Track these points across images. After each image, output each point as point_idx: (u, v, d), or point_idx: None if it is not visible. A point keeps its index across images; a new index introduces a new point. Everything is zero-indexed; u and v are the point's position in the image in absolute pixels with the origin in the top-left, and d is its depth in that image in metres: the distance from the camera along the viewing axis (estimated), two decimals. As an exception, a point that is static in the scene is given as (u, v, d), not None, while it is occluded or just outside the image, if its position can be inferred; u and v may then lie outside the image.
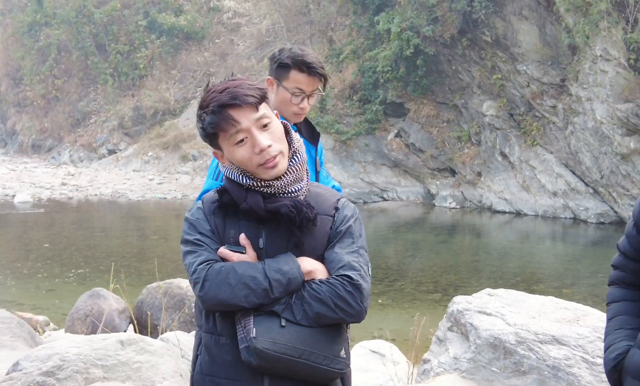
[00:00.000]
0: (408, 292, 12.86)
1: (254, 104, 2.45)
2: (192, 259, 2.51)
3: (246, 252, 2.50)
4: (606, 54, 20.02)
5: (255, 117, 2.46)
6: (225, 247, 2.51)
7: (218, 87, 2.51)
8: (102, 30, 40.68)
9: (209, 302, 2.44)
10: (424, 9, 24.53)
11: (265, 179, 2.50)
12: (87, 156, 39.32)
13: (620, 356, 2.46)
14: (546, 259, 18.03)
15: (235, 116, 2.44)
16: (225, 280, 2.41)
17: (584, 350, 5.12)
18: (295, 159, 2.57)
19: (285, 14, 32.92)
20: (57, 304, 12.38)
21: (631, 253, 2.60)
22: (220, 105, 2.45)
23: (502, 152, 24.55)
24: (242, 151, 2.48)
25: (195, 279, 2.46)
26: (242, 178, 2.53)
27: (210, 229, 2.56)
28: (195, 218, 2.60)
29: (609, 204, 21.89)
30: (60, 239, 19.91)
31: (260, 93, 2.49)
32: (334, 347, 2.49)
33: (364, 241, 2.61)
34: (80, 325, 9.27)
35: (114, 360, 5.20)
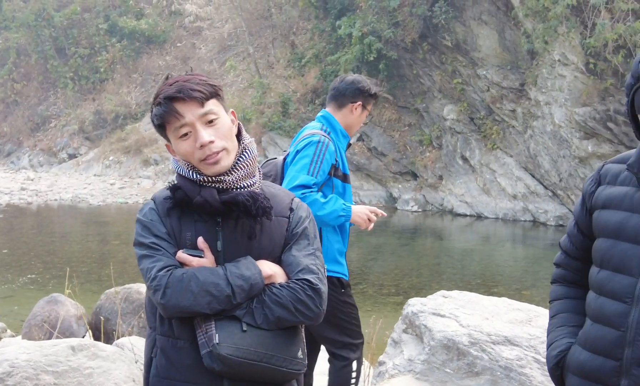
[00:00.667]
0: (370, 295, 12.92)
1: (200, 99, 2.44)
2: (150, 264, 2.48)
3: (205, 256, 2.49)
4: (564, 58, 20.24)
5: (200, 113, 2.45)
6: (183, 251, 2.49)
7: (170, 81, 2.52)
8: (62, 33, 40.32)
9: (170, 309, 2.41)
10: (385, 14, 24.65)
11: (207, 175, 2.49)
12: (47, 160, 38.91)
13: (562, 354, 2.51)
14: (506, 261, 18.18)
15: (180, 110, 2.44)
16: (188, 288, 2.39)
17: (535, 350, 5.19)
18: (245, 155, 2.57)
19: (247, 18, 32.87)
20: (15, 311, 12.23)
21: (573, 251, 2.66)
22: (166, 97, 2.45)
23: (462, 156, 24.70)
24: (185, 144, 2.48)
25: (155, 287, 2.42)
26: (192, 174, 2.51)
27: (166, 231, 2.53)
28: (149, 219, 2.55)
29: (567, 207, 22.10)
30: (19, 245, 19.68)
31: (210, 89, 2.49)
32: (292, 349, 2.52)
33: (319, 243, 2.66)
34: (37, 331, 9.18)
35: (64, 365, 5.14)
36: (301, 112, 27.51)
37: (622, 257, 2.35)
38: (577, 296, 2.63)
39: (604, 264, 2.43)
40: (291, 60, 29.65)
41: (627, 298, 2.31)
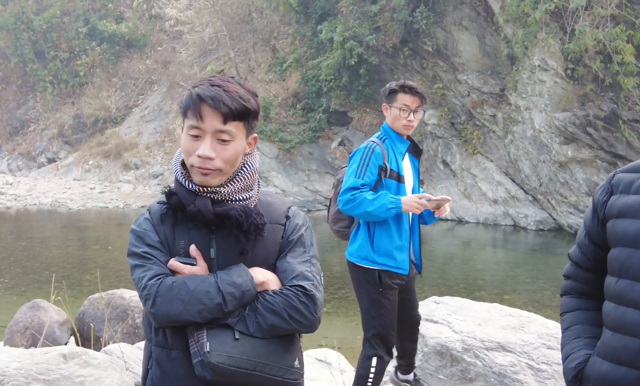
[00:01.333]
0: (352, 300, 12.84)
1: (225, 115, 2.40)
2: (141, 273, 2.45)
3: (197, 264, 2.46)
4: (544, 64, 20.34)
5: (218, 128, 2.41)
6: (175, 259, 2.47)
7: (216, 80, 2.45)
8: (42, 37, 40.07)
9: (160, 319, 2.39)
10: (366, 19, 24.69)
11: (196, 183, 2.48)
12: (25, 164, 38.63)
13: (580, 365, 2.49)
14: (487, 266, 18.23)
15: (203, 113, 2.40)
16: (178, 296, 2.37)
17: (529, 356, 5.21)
18: (245, 168, 2.56)
19: (228, 22, 32.80)
20: (-5, 317, 12.13)
21: (584, 262, 2.64)
22: (199, 95, 2.41)
23: (443, 161, 24.75)
24: (190, 143, 2.45)
25: (145, 296, 2.40)
26: (188, 183, 2.50)
27: (158, 240, 2.51)
28: (142, 229, 2.53)
29: (547, 212, 22.21)
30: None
31: (242, 109, 2.44)
32: (288, 357, 2.49)
33: (316, 250, 2.63)
34: (20, 337, 9.10)
35: (56, 374, 5.11)
36: (282, 116, 27.49)
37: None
38: (589, 307, 2.61)
39: (622, 273, 2.41)
40: (272, 64, 29.62)
41: None
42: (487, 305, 6.07)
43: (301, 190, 26.53)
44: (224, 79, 2.46)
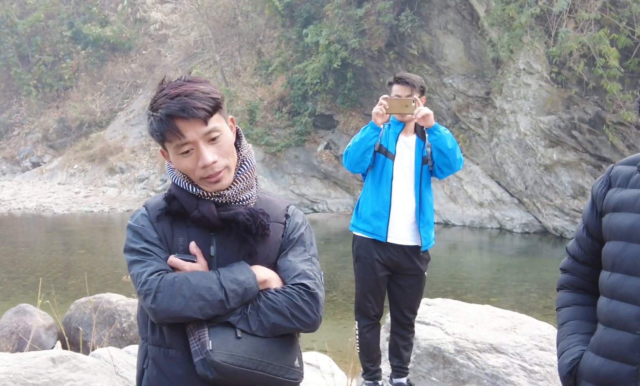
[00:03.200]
0: (340, 303, 12.90)
1: (204, 117, 2.36)
2: (141, 269, 2.42)
3: (197, 261, 2.44)
4: (529, 67, 20.41)
5: (204, 131, 2.38)
6: (175, 256, 2.45)
7: (171, 91, 2.39)
8: (26, 40, 39.92)
9: (161, 314, 2.35)
10: (351, 22, 24.72)
11: (207, 192, 2.46)
12: (9, 168, 38.45)
13: (575, 361, 2.49)
14: (474, 268, 18.28)
15: (182, 129, 2.36)
16: (179, 292, 2.34)
17: (521, 358, 5.21)
18: (244, 166, 2.54)
19: (213, 25, 32.76)
20: (-19, 322, 12.03)
21: (581, 256, 2.64)
22: (168, 115, 2.35)
23: (429, 164, 24.75)
24: (186, 161, 2.42)
25: (146, 291, 2.37)
26: (191, 187, 2.48)
27: (157, 236, 2.48)
28: (140, 225, 2.50)
29: (533, 214, 22.28)
30: (-17, 255, 19.41)
31: (213, 104, 2.39)
32: (289, 357, 2.48)
33: (315, 249, 2.62)
34: (5, 342, 9.05)
35: (45, 378, 5.07)
36: (268, 120, 27.48)
37: (635, 259, 2.34)
38: (586, 302, 2.61)
39: (615, 268, 2.41)
40: (258, 68, 29.61)
41: None
42: (478, 307, 6.08)
43: (287, 193, 26.51)
44: (174, 85, 2.41)
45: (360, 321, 5.43)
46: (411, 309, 5.38)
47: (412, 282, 5.38)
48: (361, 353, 5.48)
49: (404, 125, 5.43)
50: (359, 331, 5.45)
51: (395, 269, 5.35)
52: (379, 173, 5.34)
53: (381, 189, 5.30)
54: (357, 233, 5.43)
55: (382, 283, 5.36)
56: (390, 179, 5.31)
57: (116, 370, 5.88)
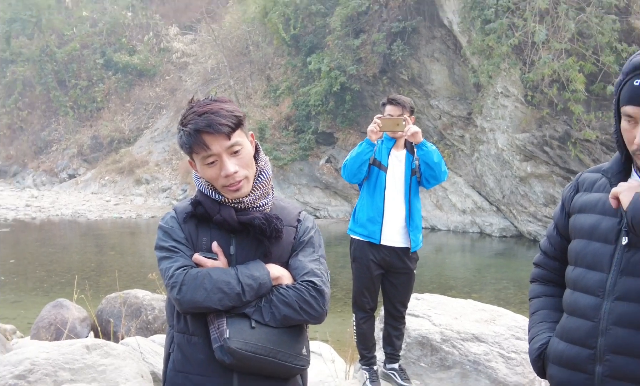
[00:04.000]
0: (339, 298, 12.85)
1: (227, 132, 2.39)
2: (169, 264, 2.44)
3: (218, 258, 2.45)
4: (506, 91, 20.41)
5: (227, 145, 2.40)
6: (199, 253, 2.46)
7: (199, 109, 2.42)
8: (63, 67, 40.05)
9: (185, 304, 2.37)
10: (349, 51, 24.73)
11: (228, 198, 2.47)
12: (49, 180, 38.51)
13: (543, 346, 2.49)
14: (457, 268, 18.26)
15: (208, 142, 2.39)
16: (201, 285, 2.35)
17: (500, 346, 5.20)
18: (262, 176, 2.56)
19: (228, 54, 32.83)
20: (22, 314, 12.03)
21: (551, 252, 2.64)
22: (196, 129, 2.39)
23: (418, 176, 24.72)
24: (211, 171, 2.44)
25: (172, 283, 2.39)
26: (214, 194, 2.50)
27: (184, 236, 2.50)
28: (169, 226, 2.52)
29: (509, 220, 22.26)
30: (25, 256, 19.42)
31: (236, 121, 2.42)
32: (297, 346, 2.48)
33: (323, 251, 2.62)
34: (44, 332, 9.05)
35: (80, 363, 5.08)
36: (276, 137, 27.50)
37: (594, 255, 2.34)
38: (554, 294, 2.61)
39: (578, 262, 2.42)
40: (267, 91, 29.63)
41: (599, 292, 2.29)
42: (461, 301, 6.07)
43: (293, 202, 26.35)
44: (203, 103, 2.45)
45: (357, 313, 5.45)
46: (402, 303, 5.38)
47: (403, 279, 5.38)
48: (358, 342, 5.48)
49: (396, 141, 5.43)
50: (356, 322, 5.47)
51: (388, 268, 5.36)
52: (373, 183, 5.35)
53: (375, 197, 5.32)
54: (354, 236, 5.45)
55: (376, 281, 5.37)
56: (383, 188, 5.32)
57: (142, 356, 5.87)
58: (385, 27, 24.04)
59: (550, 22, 18.86)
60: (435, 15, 23.29)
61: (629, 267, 2.24)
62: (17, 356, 5.22)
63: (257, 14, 29.25)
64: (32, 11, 40.91)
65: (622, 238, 2.27)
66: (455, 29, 22.19)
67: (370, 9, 24.53)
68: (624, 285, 2.24)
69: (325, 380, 5.62)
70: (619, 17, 18.19)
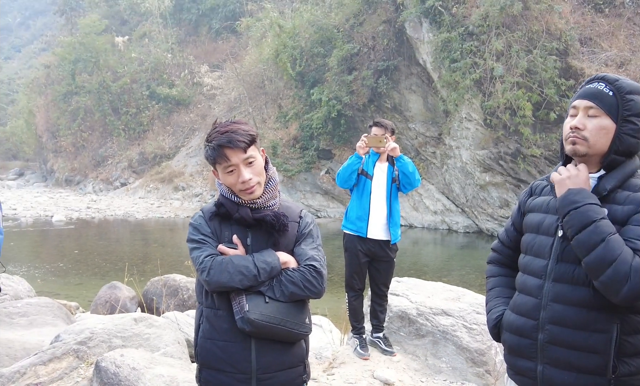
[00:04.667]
0: (336, 281, 12.85)
1: (244, 147, 2.43)
2: (199, 253, 2.47)
3: (238, 248, 2.48)
4: (469, 116, 20.43)
5: (243, 157, 2.44)
6: (222, 245, 2.49)
7: (221, 129, 2.47)
8: (117, 98, 40.15)
9: (213, 284, 2.40)
10: (344, 85, 24.75)
11: (244, 200, 2.50)
12: (105, 187, 38.57)
13: (499, 318, 2.49)
14: (430, 257, 18.23)
15: (228, 155, 2.43)
16: (225, 269, 2.39)
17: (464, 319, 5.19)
18: (270, 183, 2.57)
19: (248, 87, 32.87)
20: (84, 294, 12.05)
21: (507, 242, 2.64)
22: (219, 144, 2.43)
23: (399, 184, 24.68)
24: (230, 178, 2.47)
25: (202, 268, 2.42)
26: (233, 197, 2.52)
27: (210, 231, 2.52)
28: (198, 223, 2.55)
29: (472, 220, 22.25)
30: (86, 247, 19.42)
31: (250, 138, 2.46)
32: (302, 316, 2.50)
33: (320, 241, 2.64)
34: (101, 308, 9.08)
35: (129, 332, 5.11)
36: (286, 153, 27.50)
37: (539, 246, 2.36)
38: (507, 274, 2.61)
39: (527, 251, 2.44)
40: (278, 117, 29.62)
41: (542, 275, 2.31)
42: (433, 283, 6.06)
43: (296, 202, 26.29)
44: (225, 125, 2.48)
45: (349, 293, 5.45)
46: (385, 285, 5.38)
47: (385, 266, 5.38)
48: (350, 316, 5.48)
49: (380, 155, 5.44)
50: (348, 300, 5.47)
51: (373, 257, 5.36)
52: (361, 189, 5.36)
53: (363, 200, 5.34)
54: (346, 230, 5.46)
55: (363, 267, 5.37)
56: (369, 193, 5.33)
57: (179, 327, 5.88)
58: (372, 65, 24.06)
59: (504, 61, 18.88)
60: (412, 56, 23.31)
61: (564, 255, 2.26)
62: (79, 326, 5.25)
63: (271, 55, 29.27)
64: (92, 53, 41.01)
65: (559, 231, 2.28)
66: (428, 67, 22.21)
67: (360, 51, 24.55)
68: (559, 269, 2.26)
69: (324, 346, 5.62)
70: (559, 57, 18.21)
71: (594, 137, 2.24)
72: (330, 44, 26.11)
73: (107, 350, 4.80)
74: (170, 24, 43.06)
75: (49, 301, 7.37)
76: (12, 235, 21.02)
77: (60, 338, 5.04)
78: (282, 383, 2.49)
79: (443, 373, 5.06)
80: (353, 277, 5.38)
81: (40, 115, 43.90)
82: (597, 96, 2.24)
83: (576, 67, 18.13)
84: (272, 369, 2.45)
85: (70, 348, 4.78)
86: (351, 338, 5.52)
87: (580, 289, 2.20)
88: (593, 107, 2.24)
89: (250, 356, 2.43)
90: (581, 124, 2.25)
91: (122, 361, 4.24)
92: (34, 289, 9.57)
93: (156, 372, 4.19)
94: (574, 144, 2.27)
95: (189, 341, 5.69)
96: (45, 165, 45.55)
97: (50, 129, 43.55)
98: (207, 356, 2.48)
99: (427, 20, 21.50)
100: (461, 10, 20.17)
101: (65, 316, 7.13)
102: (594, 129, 2.24)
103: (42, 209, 30.00)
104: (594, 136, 2.24)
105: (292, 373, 2.52)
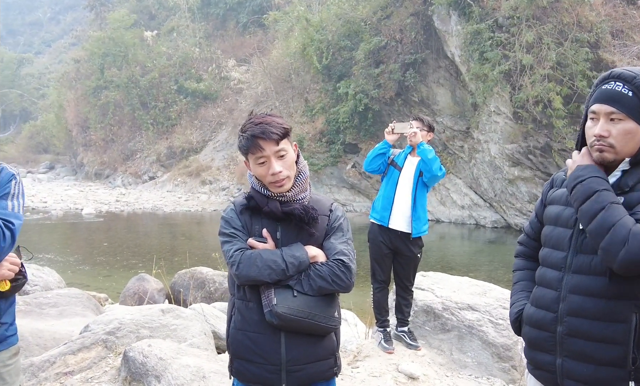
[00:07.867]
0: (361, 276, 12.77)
1: (277, 139, 2.43)
2: (229, 247, 2.48)
3: (267, 242, 2.49)
4: (498, 110, 20.23)
5: (275, 149, 2.44)
6: (252, 238, 2.50)
7: (256, 120, 2.48)
8: (145, 92, 40.58)
9: (242, 278, 2.42)
10: (371, 78, 24.68)
11: (273, 192, 2.51)
12: (134, 181, 39.05)
13: (520, 311, 2.49)
14: (457, 252, 18.10)
15: (262, 145, 2.43)
16: (254, 263, 2.40)
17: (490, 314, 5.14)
18: (300, 176, 2.57)
19: (274, 81, 32.95)
20: (113, 286, 12.22)
21: (532, 234, 2.63)
22: (253, 135, 2.44)
23: (426, 178, 24.59)
24: (261, 169, 2.48)
25: (232, 262, 2.44)
26: (263, 190, 2.53)
27: (241, 224, 2.53)
28: (229, 216, 2.55)
29: (500, 214, 22.05)
30: (115, 240, 19.69)
31: (284, 131, 2.46)
32: (330, 310, 2.49)
33: (350, 234, 2.62)
34: (130, 300, 9.18)
35: (157, 323, 5.17)
36: (312, 147, 27.52)
37: (558, 238, 2.35)
38: (533, 267, 2.59)
39: (546, 243, 2.43)
40: (305, 111, 29.66)
41: (561, 267, 2.30)
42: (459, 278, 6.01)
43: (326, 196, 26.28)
44: (259, 116, 2.49)
45: (373, 284, 5.47)
46: (408, 279, 5.36)
47: (407, 261, 5.34)
48: (374, 308, 5.48)
49: (412, 149, 5.43)
50: (373, 292, 5.49)
51: (395, 251, 5.33)
52: (389, 179, 5.39)
53: (388, 189, 5.36)
54: (371, 219, 5.47)
55: (386, 258, 5.33)
56: (396, 183, 5.34)
57: (205, 318, 5.93)
58: (400, 59, 23.94)
59: (535, 54, 18.64)
60: (440, 49, 23.14)
61: (582, 247, 2.24)
62: (108, 317, 5.33)
63: (298, 49, 29.30)
64: (121, 48, 41.50)
65: (578, 224, 2.26)
66: (457, 60, 22.02)
67: (388, 45, 24.43)
68: (578, 261, 2.25)
69: (349, 339, 5.63)
70: (591, 50, 17.91)
71: (620, 143, 2.20)
72: (358, 37, 26.03)
73: (135, 340, 4.86)
74: (198, 18, 43.35)
75: (79, 292, 7.50)
76: (43, 227, 21.44)
77: (89, 329, 5.13)
78: (311, 375, 2.50)
79: (468, 368, 5.03)
80: (374, 267, 5.41)
81: (70, 109, 44.61)
82: (617, 100, 2.19)
83: (607, 60, 17.81)
84: (301, 361, 2.46)
85: (99, 338, 4.87)
86: (376, 332, 5.52)
87: (598, 279, 2.18)
88: (615, 112, 2.19)
89: (280, 348, 2.44)
90: (605, 131, 2.20)
91: (149, 351, 4.31)
92: (64, 280, 9.74)
93: (183, 362, 4.25)
94: (601, 152, 2.24)
95: (215, 333, 5.74)
96: (75, 159, 46.32)
97: (80, 123, 44.25)
98: (238, 347, 2.51)
99: (455, 12, 21.31)
100: (490, 2, 19.95)
101: (94, 307, 7.24)
102: (619, 135, 2.19)
103: (72, 202, 30.51)
104: (620, 142, 2.20)
105: (322, 365, 2.52)
